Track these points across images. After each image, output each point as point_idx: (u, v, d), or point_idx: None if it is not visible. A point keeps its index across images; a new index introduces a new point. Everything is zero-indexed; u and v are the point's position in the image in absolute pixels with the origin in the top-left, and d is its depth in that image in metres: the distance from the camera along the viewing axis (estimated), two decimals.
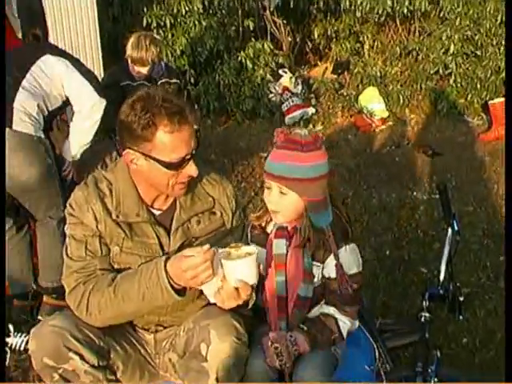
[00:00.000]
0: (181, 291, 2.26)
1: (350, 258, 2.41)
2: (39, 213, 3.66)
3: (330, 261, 2.39)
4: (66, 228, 2.44)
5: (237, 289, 2.22)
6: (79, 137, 3.74)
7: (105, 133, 4.44)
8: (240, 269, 2.19)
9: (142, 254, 2.36)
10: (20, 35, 4.34)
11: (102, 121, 4.55)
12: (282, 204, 2.35)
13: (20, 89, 3.51)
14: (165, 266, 2.22)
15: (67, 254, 2.40)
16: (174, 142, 2.24)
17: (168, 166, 2.26)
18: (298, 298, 2.40)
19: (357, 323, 2.48)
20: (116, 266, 2.39)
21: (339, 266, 2.37)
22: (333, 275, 2.40)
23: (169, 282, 2.21)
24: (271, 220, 2.48)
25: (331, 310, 2.41)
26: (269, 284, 2.44)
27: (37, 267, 3.80)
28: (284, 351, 2.28)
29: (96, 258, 2.35)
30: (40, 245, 3.74)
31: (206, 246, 2.17)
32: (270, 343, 2.30)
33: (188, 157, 2.28)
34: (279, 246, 2.43)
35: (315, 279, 2.41)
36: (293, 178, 2.30)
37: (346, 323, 2.41)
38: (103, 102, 3.68)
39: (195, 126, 2.38)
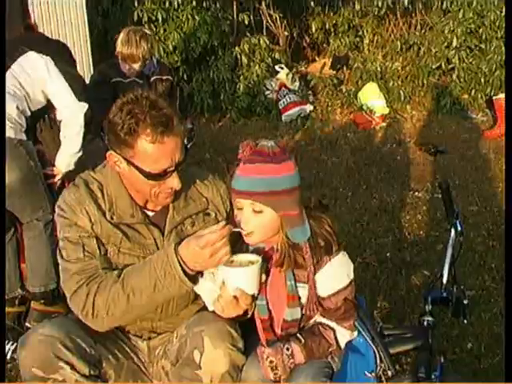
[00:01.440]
0: (193, 278, 2.21)
1: (337, 271, 2.32)
2: (25, 216, 3.59)
3: (318, 278, 2.30)
4: (58, 231, 2.38)
5: (236, 297, 2.18)
6: (68, 146, 3.66)
7: (95, 131, 4.37)
8: (240, 277, 2.15)
9: (140, 255, 2.33)
10: None
11: (93, 119, 4.48)
12: (257, 223, 2.23)
13: None
14: (175, 252, 2.18)
15: (63, 258, 2.33)
16: (155, 152, 2.19)
17: (148, 176, 2.23)
18: (285, 321, 2.34)
19: (356, 333, 2.42)
20: (114, 267, 2.35)
21: (312, 283, 2.29)
22: (324, 294, 2.33)
23: (182, 268, 2.17)
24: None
25: (329, 322, 2.36)
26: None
27: (24, 273, 3.71)
28: (280, 365, 2.24)
29: (95, 259, 2.30)
30: (27, 248, 3.65)
31: (222, 223, 2.16)
32: (265, 357, 2.24)
33: (171, 169, 2.23)
34: None
35: (302, 300, 2.32)
36: (267, 191, 2.19)
37: (344, 335, 2.37)
38: (84, 107, 3.60)
39: (188, 125, 2.22)
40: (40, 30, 5.35)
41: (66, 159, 3.69)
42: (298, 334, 2.31)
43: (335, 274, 2.30)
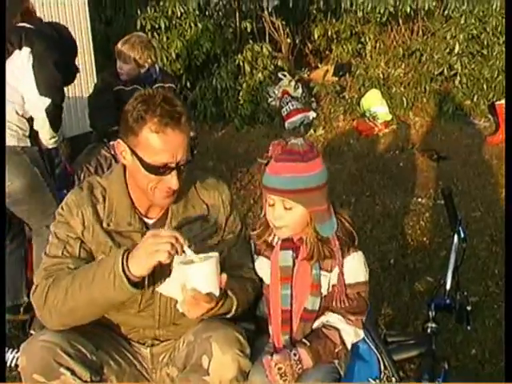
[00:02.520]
0: (136, 284, 2.14)
1: (357, 265, 2.40)
2: (34, 223, 3.60)
3: (337, 269, 2.37)
4: (51, 225, 2.40)
5: (195, 297, 2.14)
6: (40, 134, 3.61)
7: (98, 138, 4.44)
8: (193, 276, 2.11)
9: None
10: None
11: (96, 126, 4.55)
12: (288, 218, 2.33)
13: None
14: (123, 253, 2.13)
15: (45, 251, 2.36)
16: (157, 143, 2.20)
17: (147, 167, 2.23)
18: (305, 310, 2.38)
19: (362, 333, 2.42)
20: None
21: (341, 276, 2.35)
22: (336, 280, 2.39)
23: (123, 270, 2.10)
24: (274, 234, 2.46)
25: (335, 319, 2.38)
26: (273, 297, 2.42)
27: (30, 280, 3.64)
28: (288, 371, 2.26)
29: (70, 258, 2.30)
30: (36, 255, 3.63)
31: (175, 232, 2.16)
32: (273, 364, 2.26)
33: (171, 165, 2.23)
34: (285, 258, 2.41)
35: (323, 289, 2.38)
36: (297, 189, 2.28)
37: (349, 334, 2.37)
38: (45, 102, 3.50)
39: (191, 134, 2.25)
40: None
41: (44, 143, 3.66)
42: (303, 339, 2.33)
43: (355, 267, 2.37)
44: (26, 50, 3.45)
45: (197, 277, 2.10)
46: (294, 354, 2.28)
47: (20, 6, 3.75)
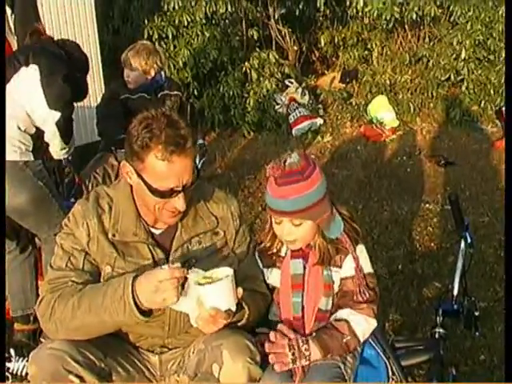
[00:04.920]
0: (146, 312, 2.18)
1: (361, 257, 2.43)
2: (42, 233, 3.61)
3: (346, 262, 2.40)
4: (57, 236, 2.41)
5: (212, 315, 2.17)
6: (50, 146, 3.64)
7: (106, 147, 4.46)
8: (211, 295, 2.14)
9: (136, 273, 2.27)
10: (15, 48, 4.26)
11: (104, 135, 4.59)
12: (298, 233, 2.36)
13: None
14: (133, 282, 2.15)
15: (50, 262, 2.38)
16: (163, 170, 2.21)
17: (153, 191, 2.25)
18: (319, 311, 2.40)
19: (374, 322, 2.43)
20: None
21: (359, 269, 2.39)
22: (347, 274, 2.41)
23: (133, 299, 2.13)
24: (283, 244, 2.48)
25: (345, 314, 2.39)
26: (284, 305, 2.44)
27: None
28: (295, 344, 2.29)
29: (74, 271, 2.31)
30: (45, 263, 3.62)
31: (177, 264, 2.15)
32: (279, 336, 2.30)
33: (178, 189, 2.24)
34: (297, 266, 2.43)
35: (335, 286, 2.41)
36: (303, 208, 2.30)
37: (359, 323, 2.37)
38: (55, 116, 3.50)
39: (199, 141, 2.24)
40: None
41: (55, 156, 3.70)
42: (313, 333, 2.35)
43: (362, 258, 2.41)
44: (33, 66, 3.46)
45: (215, 296, 2.13)
46: (303, 342, 2.30)
47: (29, 28, 3.82)
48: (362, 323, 2.37)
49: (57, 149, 3.63)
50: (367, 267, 2.43)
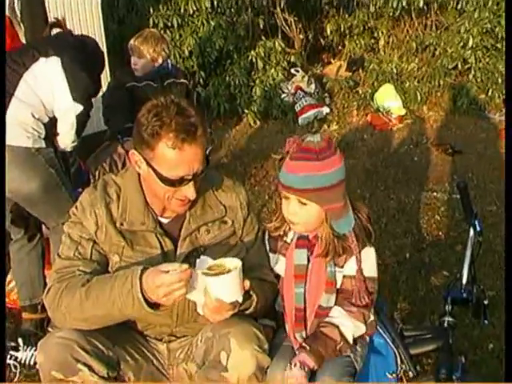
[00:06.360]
0: (154, 305, 2.17)
1: (370, 260, 2.41)
2: (51, 221, 3.60)
3: (350, 262, 2.38)
4: (65, 225, 2.41)
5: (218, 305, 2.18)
6: (61, 139, 3.64)
7: (113, 136, 4.46)
8: (216, 286, 2.13)
9: (142, 264, 2.27)
10: (23, 40, 4.27)
11: (110, 123, 4.59)
12: (303, 214, 2.33)
13: (13, 99, 3.39)
14: (141, 275, 2.14)
15: (58, 253, 2.38)
16: (174, 158, 2.20)
17: (163, 180, 2.24)
18: (320, 307, 2.39)
19: (363, 327, 2.41)
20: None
21: (360, 273, 2.37)
22: (348, 273, 2.39)
23: (141, 293, 2.13)
24: (290, 229, 2.45)
25: (335, 313, 2.38)
26: (287, 295, 2.43)
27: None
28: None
29: (81, 260, 2.31)
30: (53, 252, 3.64)
31: (185, 266, 2.11)
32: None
33: (188, 177, 2.24)
34: (300, 256, 2.41)
35: (338, 285, 2.40)
36: (311, 188, 2.27)
37: (348, 327, 2.36)
38: (78, 108, 3.53)
39: (207, 147, 2.26)
40: None
41: (62, 146, 3.69)
42: (303, 343, 2.34)
43: (368, 262, 2.39)
44: (55, 58, 3.47)
45: (222, 288, 2.12)
46: (295, 364, 2.27)
47: (43, 18, 3.82)
48: (350, 328, 2.37)
49: (68, 141, 3.63)
50: (371, 271, 2.41)
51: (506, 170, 2.85)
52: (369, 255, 2.40)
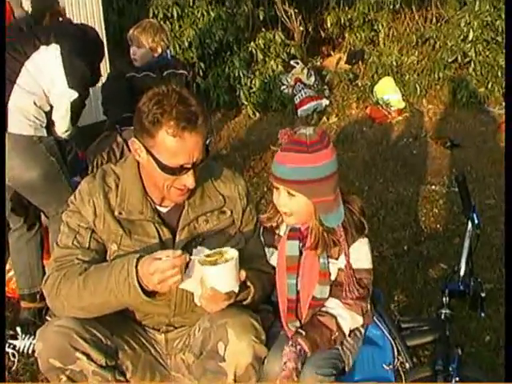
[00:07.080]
0: (151, 293, 2.18)
1: (363, 251, 2.41)
2: (50, 210, 3.61)
3: (343, 255, 2.39)
4: (63, 215, 2.43)
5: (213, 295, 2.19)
6: (56, 126, 3.63)
7: (112, 126, 4.44)
8: (212, 275, 2.13)
9: (139, 253, 2.26)
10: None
11: (109, 113, 4.59)
12: (292, 205, 2.34)
13: (15, 87, 3.41)
14: (136, 263, 2.15)
15: (56, 241, 2.40)
16: (174, 146, 2.20)
17: (163, 168, 2.24)
18: (314, 299, 2.39)
19: (361, 320, 2.41)
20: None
21: (348, 267, 2.37)
22: (341, 266, 2.39)
23: (137, 281, 2.14)
24: (283, 221, 2.46)
25: (333, 305, 2.39)
26: (280, 286, 2.43)
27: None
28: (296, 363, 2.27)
29: (79, 249, 2.32)
30: (52, 242, 3.65)
31: (178, 252, 2.11)
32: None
33: (188, 166, 2.24)
34: (292, 247, 2.42)
35: (332, 277, 2.39)
36: (299, 180, 2.28)
37: (345, 319, 2.37)
38: (73, 94, 3.53)
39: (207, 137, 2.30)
40: None
41: (58, 133, 3.67)
42: (299, 329, 2.35)
43: (361, 253, 2.39)
44: (55, 46, 3.48)
45: (217, 278, 2.13)
46: (295, 346, 2.30)
47: (47, 7, 3.81)
48: (348, 320, 2.37)
49: (62, 129, 3.63)
50: (366, 263, 2.41)
51: (505, 164, 2.86)
52: (361, 247, 2.40)
